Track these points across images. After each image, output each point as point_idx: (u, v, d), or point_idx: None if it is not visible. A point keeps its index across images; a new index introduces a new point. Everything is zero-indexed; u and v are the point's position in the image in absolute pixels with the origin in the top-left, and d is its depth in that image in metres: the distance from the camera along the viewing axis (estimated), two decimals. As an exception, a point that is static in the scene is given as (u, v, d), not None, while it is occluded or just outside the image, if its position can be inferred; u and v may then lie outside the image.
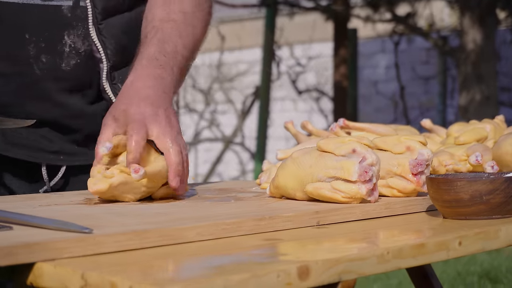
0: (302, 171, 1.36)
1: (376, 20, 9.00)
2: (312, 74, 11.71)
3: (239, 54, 12.42)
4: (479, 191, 1.24)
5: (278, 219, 1.20)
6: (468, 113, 7.36)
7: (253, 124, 10.49)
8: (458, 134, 1.75)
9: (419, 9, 9.10)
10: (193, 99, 12.43)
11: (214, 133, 11.84)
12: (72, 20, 1.59)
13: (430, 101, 11.05)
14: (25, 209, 1.27)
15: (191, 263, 0.99)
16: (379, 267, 1.02)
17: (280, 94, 11.86)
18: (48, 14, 1.57)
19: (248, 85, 11.83)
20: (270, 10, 9.27)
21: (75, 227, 1.03)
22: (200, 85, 12.37)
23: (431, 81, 11.16)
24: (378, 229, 1.23)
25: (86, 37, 1.60)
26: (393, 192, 1.41)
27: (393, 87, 11.08)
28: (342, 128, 1.73)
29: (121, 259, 0.99)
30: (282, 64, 10.52)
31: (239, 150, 11.53)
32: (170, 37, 1.55)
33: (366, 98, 11.59)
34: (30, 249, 0.95)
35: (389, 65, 11.15)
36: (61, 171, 1.64)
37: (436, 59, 10.74)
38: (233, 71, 12.37)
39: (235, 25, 12.46)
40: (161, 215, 1.21)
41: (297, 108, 11.98)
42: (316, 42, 11.53)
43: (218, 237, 1.13)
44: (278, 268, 0.92)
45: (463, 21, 7.62)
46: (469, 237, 1.14)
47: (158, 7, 1.61)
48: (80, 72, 1.61)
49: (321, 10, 9.19)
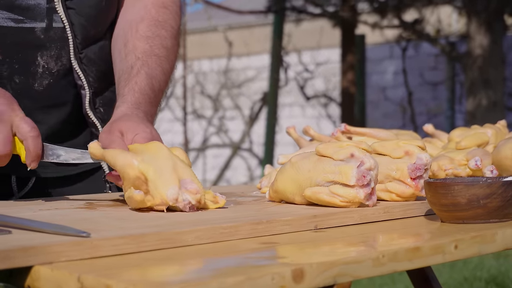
0: (300, 175, 1.37)
1: (383, 26, 9.00)
2: (320, 80, 11.72)
3: (247, 60, 12.45)
4: (476, 195, 1.25)
5: (276, 223, 1.20)
6: (475, 119, 7.36)
7: (261, 130, 10.51)
8: (459, 139, 1.76)
9: (426, 15, 9.10)
10: (202, 105, 12.46)
11: (222, 139, 11.86)
12: (45, 42, 1.62)
13: (439, 107, 11.05)
14: (25, 213, 1.28)
15: (187, 266, 1.00)
16: (374, 270, 1.03)
17: (289, 100, 11.87)
18: (22, 36, 1.60)
19: (256, 91, 11.85)
20: (277, 16, 9.29)
21: (72, 231, 1.04)
22: (208, 91, 12.39)
23: (439, 87, 11.15)
24: (376, 233, 1.24)
25: (59, 57, 1.64)
26: (391, 197, 1.42)
27: (401, 93, 11.08)
28: (343, 133, 1.74)
29: (118, 263, 1.00)
30: (290, 70, 10.54)
31: (247, 156, 11.55)
32: (156, 73, 1.63)
33: (374, 104, 11.59)
34: (27, 252, 0.96)
35: (397, 71, 11.15)
36: (31, 182, 1.67)
37: (444, 64, 10.74)
38: (241, 77, 12.40)
39: (243, 31, 12.49)
40: (160, 219, 1.22)
41: (305, 114, 11.98)
42: (324, 48, 11.55)
43: (216, 240, 1.13)
44: (272, 271, 0.92)
45: (470, 26, 7.63)
46: (465, 240, 1.14)
47: (140, 39, 1.66)
48: (54, 92, 1.64)
49: (329, 16, 9.21)
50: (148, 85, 1.60)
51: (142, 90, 1.58)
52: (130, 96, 1.57)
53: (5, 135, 1.38)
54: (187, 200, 1.30)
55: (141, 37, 1.66)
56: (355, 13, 9.23)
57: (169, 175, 1.32)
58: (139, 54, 1.64)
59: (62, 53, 1.64)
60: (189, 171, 1.34)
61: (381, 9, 8.86)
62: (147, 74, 1.61)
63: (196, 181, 1.33)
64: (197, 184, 1.32)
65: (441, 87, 11.08)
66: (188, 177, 1.32)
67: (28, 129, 1.40)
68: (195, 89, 12.55)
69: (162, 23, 1.69)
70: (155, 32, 1.68)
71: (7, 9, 1.57)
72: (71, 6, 1.63)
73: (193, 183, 1.32)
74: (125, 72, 1.62)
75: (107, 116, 1.68)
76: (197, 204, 1.31)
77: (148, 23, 1.68)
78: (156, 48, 1.66)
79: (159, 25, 1.69)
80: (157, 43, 1.67)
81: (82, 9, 1.64)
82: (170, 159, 1.34)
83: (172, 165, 1.33)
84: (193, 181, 1.32)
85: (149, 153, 1.35)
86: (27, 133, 1.40)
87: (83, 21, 1.64)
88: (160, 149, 1.36)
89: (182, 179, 1.32)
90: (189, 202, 1.31)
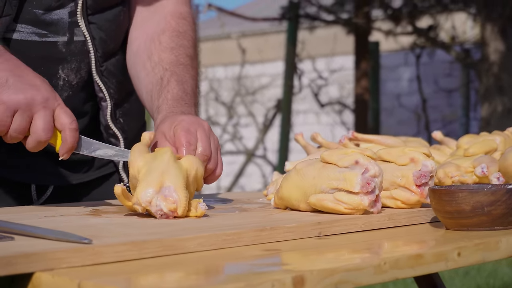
0: (305, 182, 1.37)
1: (397, 33, 8.99)
2: (334, 87, 11.72)
3: (262, 67, 12.46)
4: (480, 202, 1.24)
5: (280, 229, 1.21)
6: (490, 125, 7.33)
7: (275, 137, 10.50)
8: (467, 146, 1.75)
9: (441, 22, 9.08)
10: (216, 112, 12.47)
11: (237, 146, 11.86)
12: (66, 55, 1.65)
13: (453, 114, 11.02)
14: (31, 219, 1.29)
15: (187, 273, 1.00)
16: (376, 277, 1.03)
17: (303, 107, 11.87)
18: (45, 50, 1.63)
19: (270, 98, 11.85)
20: (291, 23, 9.30)
21: (74, 237, 1.04)
22: (223, 98, 12.41)
23: (454, 93, 11.12)
24: (380, 240, 1.24)
25: (78, 70, 1.67)
26: (397, 204, 1.42)
27: (416, 100, 11.05)
28: (351, 140, 1.74)
29: (119, 269, 1.00)
30: (304, 77, 10.53)
31: (262, 163, 11.55)
32: (186, 79, 1.68)
33: (389, 111, 11.57)
34: (29, 259, 0.97)
35: (412, 78, 11.13)
36: (49, 190, 1.70)
37: (459, 71, 10.71)
38: (255, 84, 12.41)
39: (257, 38, 12.51)
40: (164, 226, 1.23)
41: (320, 121, 11.98)
42: (338, 55, 11.54)
43: (219, 247, 1.14)
44: (272, 278, 0.92)
45: (485, 32, 7.60)
46: (468, 248, 1.14)
47: (165, 50, 1.71)
48: (72, 104, 1.65)
49: (342, 23, 9.20)
50: (181, 90, 1.65)
51: (174, 96, 1.63)
52: (164, 105, 1.62)
53: (47, 121, 1.40)
54: (159, 207, 1.30)
55: (165, 49, 1.72)
56: (369, 20, 9.22)
57: (153, 178, 1.31)
58: (166, 65, 1.69)
59: (81, 66, 1.68)
60: (179, 180, 1.32)
61: (395, 16, 8.85)
62: (177, 81, 1.66)
63: (180, 192, 1.31)
64: (180, 194, 1.30)
65: (456, 94, 11.05)
66: (172, 185, 1.31)
67: (69, 121, 1.42)
68: (210, 96, 12.57)
69: (183, 34, 1.75)
70: (178, 42, 1.73)
71: (32, 23, 1.61)
72: (93, 21, 1.67)
73: (174, 192, 1.30)
74: (155, 85, 1.67)
75: (127, 127, 1.73)
76: (170, 213, 1.30)
77: (170, 34, 1.74)
78: (181, 57, 1.71)
79: (181, 36, 1.74)
80: (182, 53, 1.72)
81: (102, 23, 1.69)
82: (165, 164, 1.33)
83: (162, 170, 1.32)
84: (175, 190, 1.30)
85: (154, 156, 1.36)
86: (67, 124, 1.42)
87: (103, 35, 1.69)
88: (163, 154, 1.36)
89: (166, 186, 1.31)
90: (161, 209, 1.30)
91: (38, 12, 1.60)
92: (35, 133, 1.39)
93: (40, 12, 1.61)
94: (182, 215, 1.31)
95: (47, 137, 1.41)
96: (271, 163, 11.15)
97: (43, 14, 1.61)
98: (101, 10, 1.68)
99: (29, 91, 1.39)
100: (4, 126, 1.39)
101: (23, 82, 1.40)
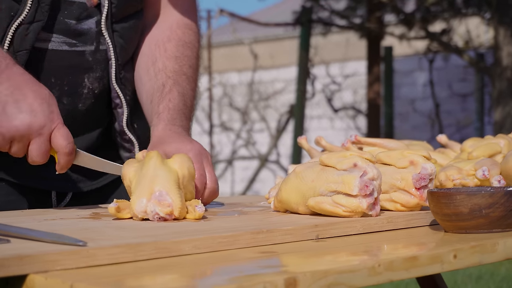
0: (304, 185, 1.37)
1: (410, 38, 8.97)
2: (348, 92, 11.71)
3: (275, 72, 12.47)
4: (478, 204, 1.24)
5: (276, 232, 1.20)
6: (503, 129, 7.30)
7: (289, 142, 10.50)
8: (471, 149, 1.74)
9: (454, 26, 9.06)
10: (230, 118, 12.49)
11: (250, 151, 11.87)
12: (92, 64, 1.69)
13: (468, 119, 10.99)
14: (30, 223, 1.30)
15: (180, 276, 1.00)
16: (370, 279, 1.03)
17: (317, 112, 11.87)
18: (74, 59, 1.66)
19: (284, 104, 11.86)
20: (304, 29, 9.29)
21: (69, 240, 1.05)
22: (236, 103, 12.42)
23: (468, 98, 11.09)
24: (378, 242, 1.23)
25: (101, 78, 1.71)
26: (396, 206, 1.42)
27: (430, 105, 11.03)
28: (354, 143, 1.74)
29: (113, 272, 1.00)
30: (318, 82, 10.53)
31: (275, 168, 11.55)
32: (187, 91, 1.74)
33: (403, 116, 11.55)
34: (23, 261, 0.97)
35: (427, 83, 11.11)
36: (68, 196, 1.73)
37: (473, 76, 10.68)
38: (269, 89, 12.41)
39: (270, 44, 12.51)
40: (160, 228, 1.23)
41: (334, 126, 11.97)
42: (351, 60, 11.54)
43: (215, 250, 1.14)
44: (265, 280, 0.92)
45: (498, 36, 7.57)
46: (464, 250, 1.13)
47: (169, 58, 1.76)
48: (93, 111, 1.71)
49: (355, 28, 9.20)
50: (181, 102, 1.70)
51: (176, 107, 1.68)
52: (166, 113, 1.66)
53: (42, 148, 1.47)
54: (155, 212, 1.31)
55: (170, 57, 1.76)
56: (382, 24, 9.20)
57: (143, 187, 1.33)
58: (170, 73, 1.73)
59: (104, 74, 1.71)
60: (169, 183, 1.33)
61: (408, 21, 8.83)
62: (179, 92, 1.71)
63: (173, 194, 1.32)
64: (173, 196, 1.31)
65: (470, 99, 11.02)
66: (163, 189, 1.32)
67: (64, 145, 1.47)
68: (223, 102, 12.59)
69: (188, 44, 1.79)
70: (183, 52, 1.77)
71: (63, 33, 1.64)
72: (116, 29, 1.70)
73: (167, 195, 1.31)
74: (157, 90, 1.71)
75: (140, 132, 1.76)
76: (168, 216, 1.31)
77: (176, 43, 1.78)
78: (185, 67, 1.76)
79: (186, 46, 1.78)
80: (185, 63, 1.76)
81: (123, 31, 1.72)
82: (152, 169, 1.35)
83: (151, 176, 1.34)
84: (168, 193, 1.32)
85: (143, 163, 1.38)
86: (62, 149, 1.47)
87: (123, 43, 1.72)
88: (150, 159, 1.37)
89: (157, 191, 1.32)
90: (157, 213, 1.31)
91: (70, 22, 1.64)
92: (31, 158, 1.47)
93: (72, 22, 1.64)
94: (180, 217, 1.32)
95: (43, 161, 1.48)
96: (284, 168, 11.15)
97: (75, 24, 1.64)
98: (123, 18, 1.71)
99: (26, 119, 1.44)
100: (4, 150, 1.47)
101: (21, 109, 1.45)
